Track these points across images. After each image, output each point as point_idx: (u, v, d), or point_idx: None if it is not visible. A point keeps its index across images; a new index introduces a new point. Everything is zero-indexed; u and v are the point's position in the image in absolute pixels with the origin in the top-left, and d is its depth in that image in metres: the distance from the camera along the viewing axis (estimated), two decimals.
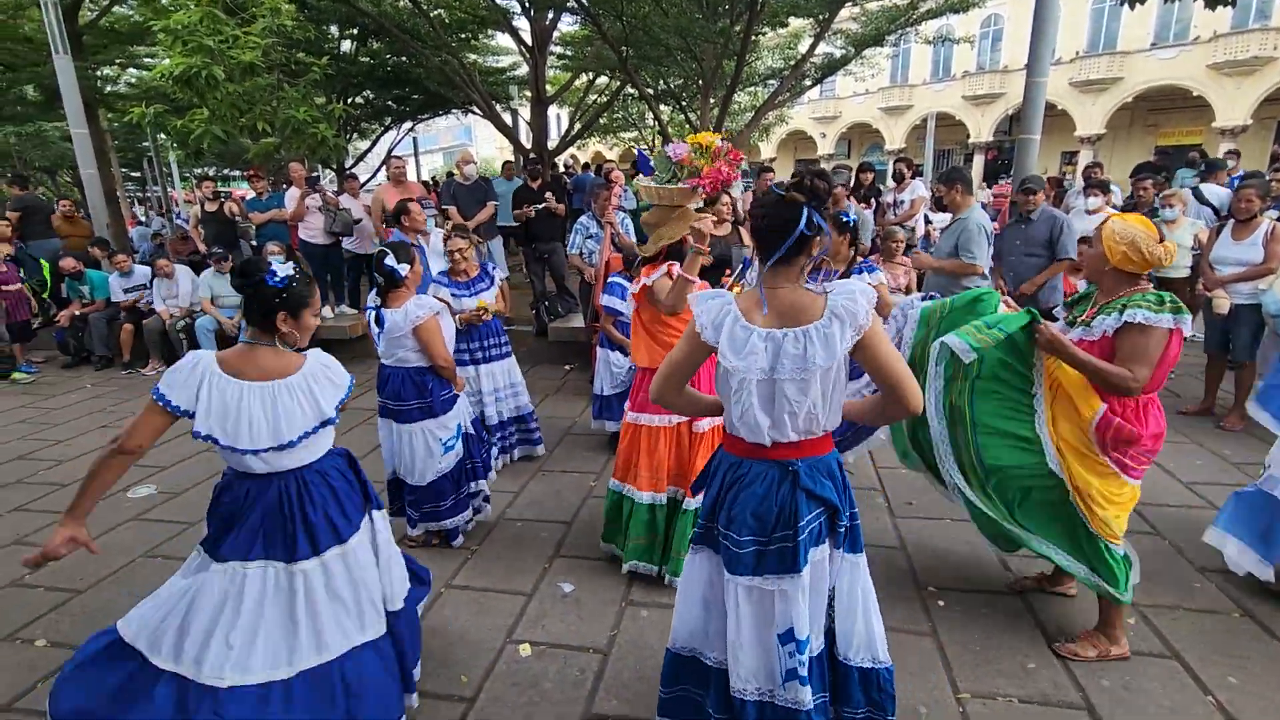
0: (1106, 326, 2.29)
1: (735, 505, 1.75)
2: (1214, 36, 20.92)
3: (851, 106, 31.57)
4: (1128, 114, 24.40)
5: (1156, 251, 2.22)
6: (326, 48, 11.79)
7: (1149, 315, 2.20)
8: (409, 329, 3.04)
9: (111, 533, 3.67)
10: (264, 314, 1.89)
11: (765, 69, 15.43)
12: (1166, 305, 2.20)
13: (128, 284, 7.27)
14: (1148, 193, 6.64)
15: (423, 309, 3.05)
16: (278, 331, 1.91)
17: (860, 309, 1.60)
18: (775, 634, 1.72)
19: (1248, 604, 2.77)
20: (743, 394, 1.68)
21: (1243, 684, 2.35)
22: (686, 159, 2.71)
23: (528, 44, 12.22)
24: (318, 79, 8.23)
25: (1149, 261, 2.24)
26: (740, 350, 1.65)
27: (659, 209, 2.83)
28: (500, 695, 2.39)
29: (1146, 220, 2.30)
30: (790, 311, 1.66)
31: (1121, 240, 2.26)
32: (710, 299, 1.74)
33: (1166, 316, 2.19)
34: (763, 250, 1.69)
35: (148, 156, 20.15)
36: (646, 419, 2.97)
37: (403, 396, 3.18)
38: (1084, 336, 2.37)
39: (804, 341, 1.62)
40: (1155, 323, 2.19)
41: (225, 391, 1.83)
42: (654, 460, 2.95)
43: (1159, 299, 2.22)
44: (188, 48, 6.53)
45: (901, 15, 11.03)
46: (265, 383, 1.86)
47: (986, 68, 26.87)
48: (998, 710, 2.26)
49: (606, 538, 3.19)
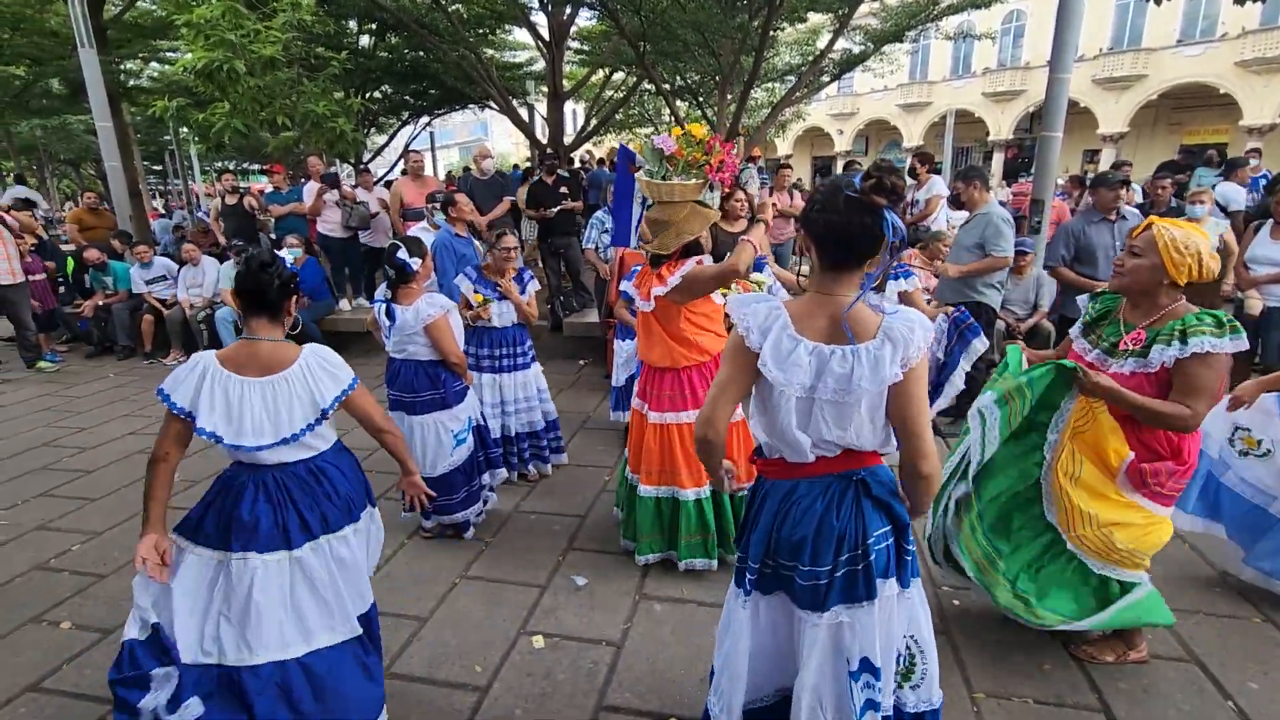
0: (1167, 358, 2.01)
1: (791, 531, 1.60)
2: (1243, 33, 20.49)
3: (869, 103, 31.28)
4: (1152, 112, 24.00)
5: (1212, 264, 2.00)
6: (345, 42, 11.88)
7: (1215, 343, 1.94)
8: (420, 326, 3.07)
9: (134, 519, 3.73)
10: (280, 301, 1.97)
11: (783, 65, 15.33)
12: (1228, 327, 1.96)
13: (148, 275, 7.38)
14: (1165, 191, 6.50)
15: (434, 307, 3.08)
16: (287, 316, 2.01)
17: (916, 339, 1.46)
18: (847, 668, 1.58)
19: (1268, 609, 2.73)
20: (781, 409, 1.54)
21: (1264, 690, 2.31)
22: (679, 152, 2.67)
23: (545, 39, 12.23)
24: (337, 73, 8.30)
25: (1206, 274, 2.01)
26: (783, 361, 1.50)
27: (665, 205, 2.76)
28: (513, 685, 2.41)
29: (1197, 226, 2.08)
30: (843, 320, 1.51)
31: (1188, 250, 1.98)
32: (756, 302, 1.58)
33: (1227, 341, 1.95)
34: (829, 256, 1.53)
35: (169, 150, 20.38)
36: (673, 417, 2.92)
37: (415, 389, 3.21)
38: (1138, 369, 2.09)
39: (851, 361, 1.48)
40: (1220, 349, 1.95)
41: (228, 389, 1.85)
42: (691, 456, 2.90)
43: (1217, 321, 1.97)
44: (210, 42, 6.61)
45: (922, 11, 10.90)
46: (266, 378, 1.89)
47: (1008, 64, 26.51)
48: (1013, 711, 2.25)
49: (652, 547, 3.04)
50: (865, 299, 1.52)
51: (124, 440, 4.96)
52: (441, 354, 3.15)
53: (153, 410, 5.68)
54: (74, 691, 2.45)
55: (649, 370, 3.02)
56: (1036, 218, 5.73)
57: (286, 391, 1.89)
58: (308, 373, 1.92)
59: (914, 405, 1.50)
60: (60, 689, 2.46)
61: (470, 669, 2.49)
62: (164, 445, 1.90)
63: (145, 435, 5.05)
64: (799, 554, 1.59)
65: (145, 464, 1.95)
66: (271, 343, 1.95)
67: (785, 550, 1.62)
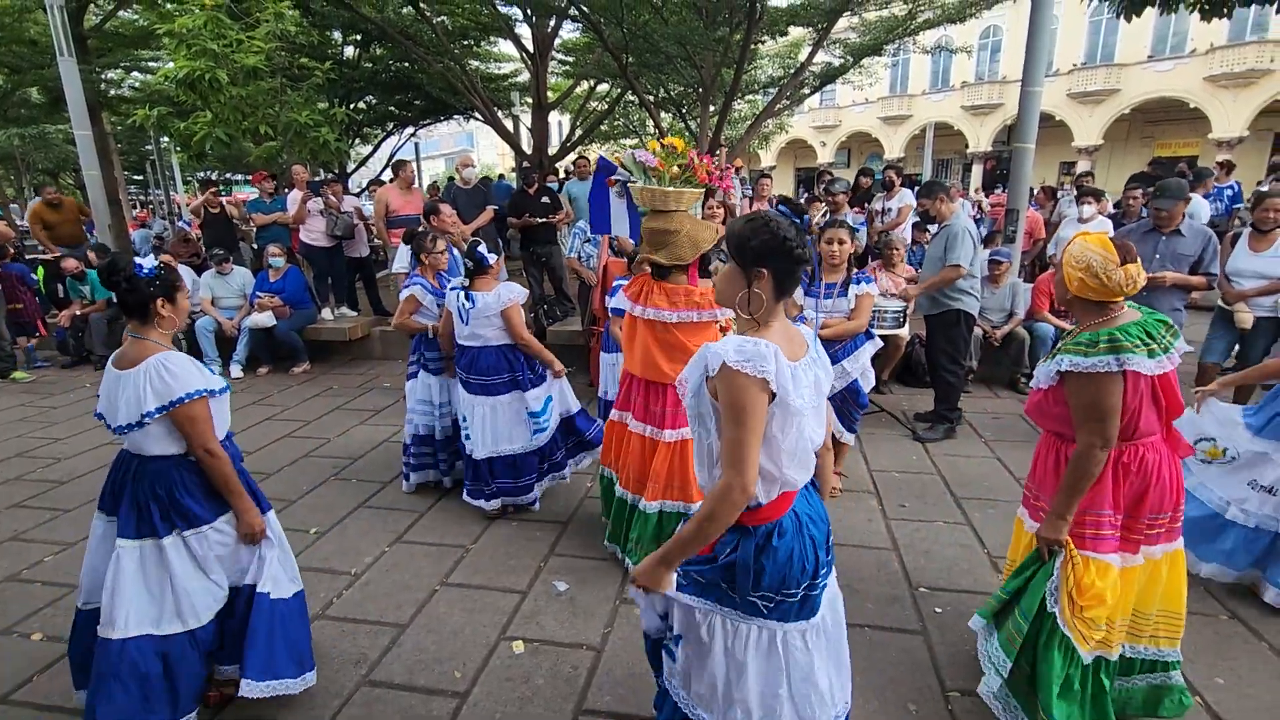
0: (1048, 377, 2.02)
1: (783, 564, 1.56)
2: (1211, 49, 21.06)
3: (851, 115, 31.72)
4: (1125, 125, 24.54)
5: (1117, 276, 1.90)
6: (330, 52, 11.90)
7: (1077, 360, 1.89)
8: (499, 309, 3.39)
9: None
10: (141, 304, 2.06)
11: (765, 77, 15.53)
12: (1101, 346, 1.87)
13: None
14: (1137, 202, 6.67)
15: (513, 293, 3.43)
16: (158, 317, 2.09)
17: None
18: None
19: (1234, 606, 2.80)
20: (797, 434, 1.53)
21: (1230, 684, 2.37)
22: (661, 164, 2.72)
23: (529, 51, 12.32)
24: (320, 83, 8.29)
25: (1110, 289, 1.92)
26: (800, 387, 1.51)
27: (663, 215, 2.79)
28: (493, 690, 2.41)
29: (1107, 240, 1.98)
30: (798, 340, 1.62)
31: (1077, 265, 1.96)
32: (751, 345, 1.47)
33: (1102, 359, 1.86)
34: (785, 283, 1.57)
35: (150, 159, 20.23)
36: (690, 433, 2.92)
37: (495, 371, 3.49)
38: (1036, 385, 2.11)
39: (814, 369, 1.59)
40: (1089, 369, 1.87)
41: (108, 377, 2.10)
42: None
43: (1092, 339, 1.90)
44: (192, 51, 6.59)
45: (899, 25, 11.11)
46: (123, 371, 2.04)
47: (985, 78, 27.02)
48: (985, 709, 2.28)
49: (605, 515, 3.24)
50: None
51: (99, 451, 4.90)
52: (514, 337, 3.46)
53: None
54: (44, 703, 2.41)
55: (649, 386, 2.96)
56: (1011, 227, 5.85)
57: (122, 388, 2.02)
58: (144, 376, 2.00)
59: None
60: (31, 700, 2.43)
61: (450, 675, 2.49)
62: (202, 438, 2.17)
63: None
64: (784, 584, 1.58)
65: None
66: (139, 341, 2.08)
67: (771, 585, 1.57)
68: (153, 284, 2.06)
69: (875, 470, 4.21)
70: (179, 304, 2.14)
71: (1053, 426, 2.12)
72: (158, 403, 1.99)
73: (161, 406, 1.99)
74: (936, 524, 3.54)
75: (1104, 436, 1.90)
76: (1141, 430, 1.96)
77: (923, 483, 4.06)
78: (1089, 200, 6.38)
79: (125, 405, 2.00)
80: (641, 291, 2.88)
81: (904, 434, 4.83)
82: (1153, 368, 1.87)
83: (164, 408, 1.99)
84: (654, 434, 2.95)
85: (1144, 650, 2.18)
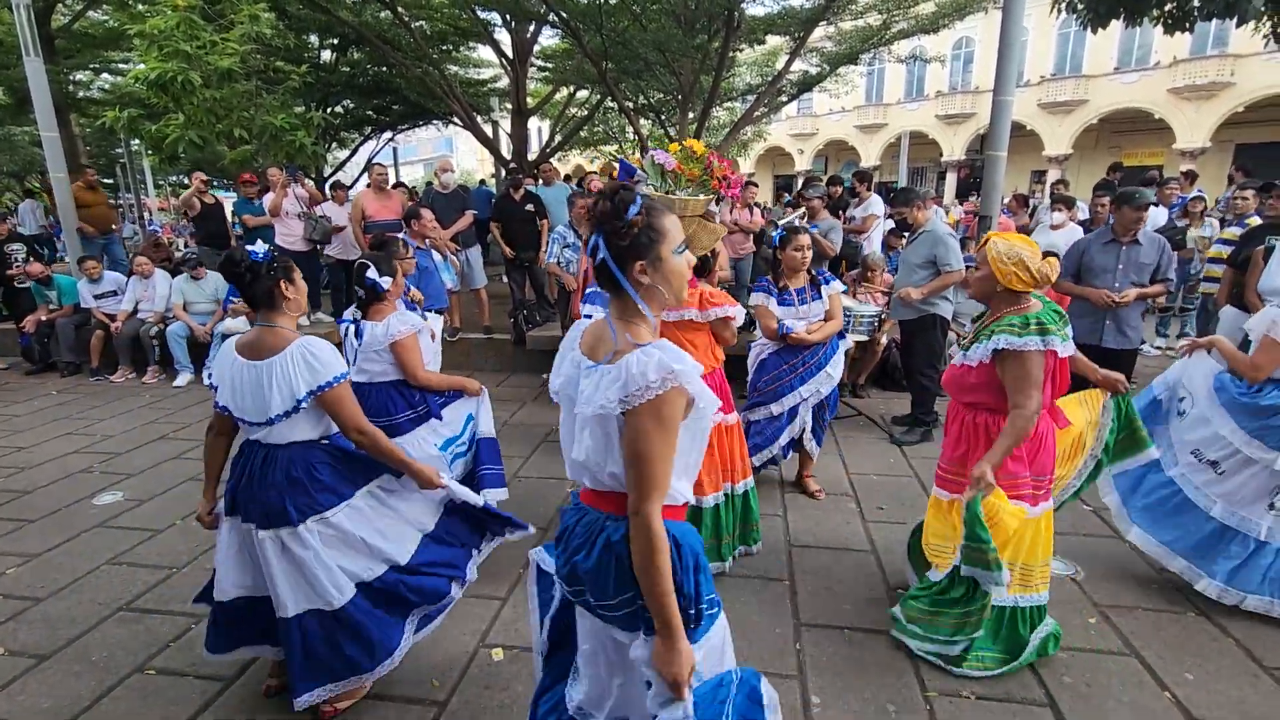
0: (982, 354, 2.30)
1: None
2: (1174, 62, 21.65)
3: (828, 124, 32.10)
4: (1093, 135, 25.11)
5: (1043, 268, 2.21)
6: (306, 56, 11.79)
7: (1011, 340, 2.20)
8: (386, 344, 2.84)
9: (76, 539, 3.59)
10: (268, 289, 2.06)
11: (743, 85, 15.67)
12: (1031, 327, 2.19)
13: (97, 290, 7.14)
14: (1105, 209, 6.84)
15: (405, 324, 2.87)
16: (285, 300, 2.10)
17: (638, 377, 1.31)
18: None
19: (1201, 603, 2.86)
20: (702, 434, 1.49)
21: (1199, 680, 2.42)
22: (679, 167, 2.73)
23: (509, 56, 12.30)
24: (297, 87, 8.22)
25: (1037, 279, 2.22)
26: (559, 369, 1.57)
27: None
28: (472, 699, 2.39)
29: (1026, 237, 2.30)
30: (604, 346, 1.46)
31: (1010, 260, 2.22)
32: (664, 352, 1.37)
33: (1032, 339, 2.18)
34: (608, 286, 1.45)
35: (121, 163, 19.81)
36: None
37: (390, 409, 2.92)
38: (964, 361, 2.37)
39: (590, 376, 1.42)
40: (1021, 347, 2.18)
41: (232, 368, 2.06)
42: (710, 462, 3.01)
43: (1024, 321, 2.21)
44: (164, 53, 6.49)
45: (874, 35, 11.29)
46: (258, 361, 2.02)
47: (959, 88, 27.52)
48: (964, 708, 2.31)
49: None
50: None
51: (66, 459, 4.77)
52: (407, 375, 2.90)
53: (98, 428, 5.48)
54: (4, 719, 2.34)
55: None
56: (984, 234, 5.95)
57: (269, 377, 2.00)
58: (293, 362, 2.00)
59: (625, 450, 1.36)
60: None
61: (427, 684, 2.46)
62: (213, 417, 2.22)
63: (88, 454, 4.87)
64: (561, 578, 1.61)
65: (84, 484, 2.00)
66: (272, 329, 2.07)
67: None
68: (272, 267, 2.05)
69: (854, 474, 4.25)
70: (298, 284, 2.15)
71: (967, 399, 2.43)
72: (309, 387, 2.01)
73: (312, 391, 2.01)
74: (912, 526, 3.57)
75: (1037, 402, 2.21)
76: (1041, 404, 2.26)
77: (900, 485, 4.10)
78: (1060, 208, 6.52)
79: (278, 393, 1.99)
80: None
81: (881, 437, 4.88)
82: (1064, 350, 2.23)
83: (314, 391, 2.02)
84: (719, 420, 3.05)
85: (1035, 598, 2.47)
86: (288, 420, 2.04)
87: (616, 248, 1.39)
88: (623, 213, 1.38)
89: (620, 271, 1.39)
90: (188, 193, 7.50)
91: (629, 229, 1.38)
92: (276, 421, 2.02)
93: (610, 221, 1.38)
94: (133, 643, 2.71)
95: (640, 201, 1.39)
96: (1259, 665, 2.50)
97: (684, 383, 1.32)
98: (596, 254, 1.40)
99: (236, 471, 2.15)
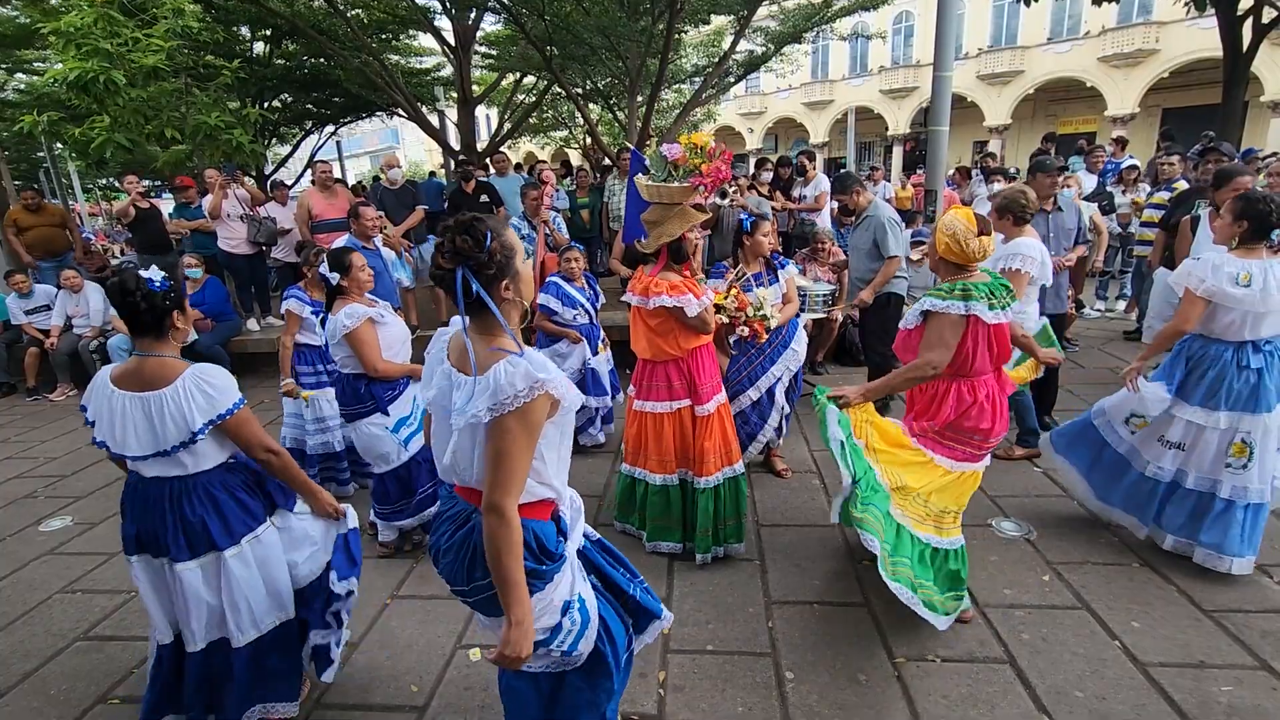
0: (915, 317, 2.50)
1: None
2: (1103, 31, 22.35)
3: (776, 102, 32.28)
4: (1030, 105, 25.82)
5: (973, 245, 2.35)
6: (238, 50, 11.28)
7: (935, 302, 2.39)
8: (340, 336, 3.03)
9: (25, 569, 3.45)
10: (158, 320, 1.96)
11: (690, 67, 15.62)
12: (955, 293, 2.37)
13: (28, 305, 6.79)
14: None
15: (351, 318, 3.02)
16: (174, 330, 2.00)
17: (508, 387, 1.40)
18: None
19: (1146, 555, 3.03)
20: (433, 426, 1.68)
21: (1144, 627, 2.57)
22: (682, 158, 2.80)
23: (451, 44, 12.00)
24: (229, 83, 7.85)
25: (967, 254, 2.37)
26: (429, 382, 1.67)
27: (658, 206, 2.93)
28: (452, 701, 2.39)
29: (970, 214, 2.42)
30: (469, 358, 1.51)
31: (945, 231, 2.42)
32: (443, 331, 1.68)
33: (955, 303, 2.35)
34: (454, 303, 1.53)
35: (43, 167, 18.77)
36: (651, 406, 3.14)
37: (344, 400, 3.18)
38: (904, 326, 2.58)
39: (460, 390, 1.51)
40: (942, 309, 2.37)
41: (112, 402, 1.94)
42: (661, 445, 3.14)
43: (950, 288, 2.39)
44: (82, 51, 6.13)
45: (817, 13, 11.36)
46: (145, 393, 1.93)
47: (901, 63, 27.93)
48: (930, 671, 2.41)
49: (620, 516, 3.41)
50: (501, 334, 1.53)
51: (8, 485, 4.56)
52: (364, 365, 3.06)
53: (39, 450, 5.25)
54: None
55: (641, 363, 3.21)
56: (931, 207, 6.10)
57: (159, 409, 1.91)
58: (185, 393, 1.93)
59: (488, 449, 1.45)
60: None
61: (406, 689, 2.45)
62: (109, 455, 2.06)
63: (32, 478, 4.66)
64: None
65: (29, 509, 1.92)
66: (157, 359, 1.97)
67: None
68: (168, 297, 1.96)
69: (815, 450, 4.34)
70: (188, 313, 2.08)
71: (909, 360, 2.56)
72: (207, 417, 1.94)
73: (211, 420, 1.95)
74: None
75: (938, 360, 2.40)
76: (977, 369, 2.44)
77: None
78: (998, 179, 6.72)
79: (172, 424, 1.91)
80: (636, 282, 3.08)
81: None
82: (991, 318, 2.37)
83: (213, 421, 1.95)
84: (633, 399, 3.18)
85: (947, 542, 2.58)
86: (187, 450, 1.95)
87: (485, 277, 1.48)
88: (483, 243, 1.46)
89: (489, 297, 1.48)
90: (123, 202, 7.14)
91: (491, 257, 1.47)
92: (173, 453, 1.94)
93: (474, 255, 1.46)
94: (94, 672, 2.63)
95: (489, 226, 1.48)
96: (1199, 609, 2.67)
97: (549, 389, 1.44)
98: (470, 290, 1.47)
99: (135, 511, 2.03)
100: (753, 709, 2.28)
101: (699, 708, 2.30)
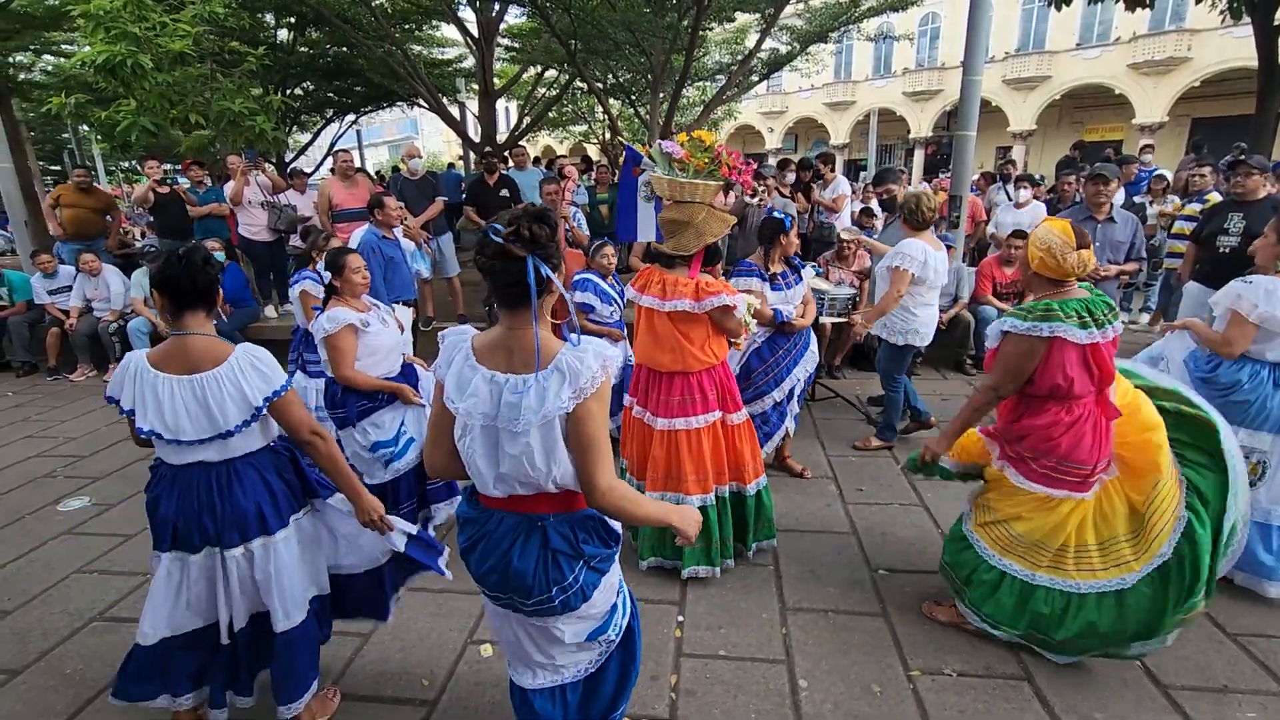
0: (995, 335, 2.35)
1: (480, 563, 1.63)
2: (1133, 37, 22.02)
3: (798, 101, 32.08)
4: (1056, 111, 25.50)
5: (1070, 259, 2.21)
6: (263, 37, 11.36)
7: (1014, 323, 2.25)
8: (319, 338, 2.99)
9: (43, 548, 3.49)
10: (208, 296, 1.93)
11: (714, 64, 15.55)
12: (1036, 313, 2.21)
13: (52, 285, 6.87)
14: (1070, 188, 6.96)
15: (330, 322, 2.92)
16: (214, 310, 1.98)
17: (586, 370, 1.44)
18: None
19: None
20: (465, 438, 1.57)
21: (1167, 649, 2.49)
22: (687, 155, 2.71)
23: (474, 36, 12.01)
24: (254, 69, 7.90)
25: (1064, 269, 2.23)
26: (464, 390, 1.53)
27: (683, 205, 2.73)
28: (462, 696, 2.38)
29: (1068, 226, 2.25)
30: (523, 355, 1.50)
31: (1039, 245, 2.27)
32: (454, 335, 1.62)
33: (1036, 324, 2.19)
34: (495, 296, 1.54)
35: (68, 149, 19.01)
36: (684, 423, 2.89)
37: (327, 402, 3.17)
38: (988, 344, 2.44)
39: (521, 391, 1.47)
40: (1017, 330, 2.23)
41: (157, 388, 1.86)
42: (699, 463, 2.91)
43: (1033, 307, 2.24)
44: (110, 34, 6.18)
45: (844, 13, 11.26)
46: (195, 375, 1.87)
47: (925, 65, 27.66)
48: (946, 685, 2.37)
49: (652, 552, 3.05)
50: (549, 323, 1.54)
51: (27, 464, 4.62)
52: (334, 371, 2.99)
53: (59, 430, 5.30)
54: None
55: (651, 375, 2.97)
56: (955, 212, 6.02)
57: (216, 389, 1.87)
58: (240, 371, 1.90)
59: (584, 432, 1.46)
60: None
61: (417, 683, 2.45)
62: (134, 438, 2.00)
63: (51, 458, 4.71)
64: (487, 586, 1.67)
65: (48, 489, 1.90)
66: (204, 338, 1.92)
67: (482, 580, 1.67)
68: (220, 269, 1.97)
69: (832, 455, 4.30)
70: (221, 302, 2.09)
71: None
72: (264, 394, 1.92)
73: (269, 397, 1.93)
74: (892, 506, 3.64)
75: (1001, 386, 2.32)
76: (1077, 392, 2.23)
77: (878, 465, 4.17)
78: (1025, 185, 6.62)
79: (232, 405, 1.87)
80: (647, 281, 2.89)
81: (858, 418, 4.95)
82: (1082, 337, 2.17)
83: (270, 398, 1.93)
84: (649, 420, 2.98)
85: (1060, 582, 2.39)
86: (242, 432, 1.92)
87: (552, 265, 1.49)
88: (555, 232, 1.48)
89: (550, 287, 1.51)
90: (142, 188, 7.19)
91: (556, 247, 1.49)
92: (236, 433, 1.90)
93: (545, 245, 1.46)
94: (109, 654, 2.64)
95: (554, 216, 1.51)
96: (1223, 632, 2.61)
97: (610, 366, 1.49)
98: (541, 279, 1.46)
99: (174, 501, 1.95)
100: (765, 716, 2.26)
101: (711, 713, 2.28)
